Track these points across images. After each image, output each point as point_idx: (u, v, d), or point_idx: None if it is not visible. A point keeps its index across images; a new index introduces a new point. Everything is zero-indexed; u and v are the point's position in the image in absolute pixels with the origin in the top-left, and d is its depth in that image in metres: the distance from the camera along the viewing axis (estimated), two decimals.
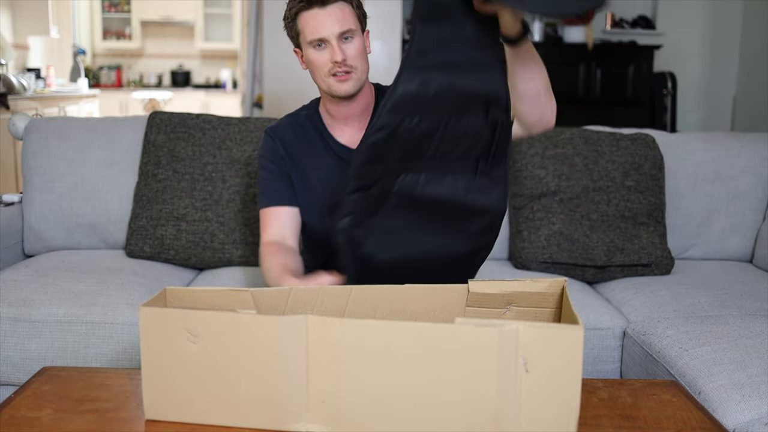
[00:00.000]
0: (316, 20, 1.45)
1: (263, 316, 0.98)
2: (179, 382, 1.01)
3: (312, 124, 1.60)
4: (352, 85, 1.49)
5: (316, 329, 0.96)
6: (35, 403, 1.10)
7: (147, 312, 1.01)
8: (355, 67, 1.48)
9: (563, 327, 0.94)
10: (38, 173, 2.17)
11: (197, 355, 0.99)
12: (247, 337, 0.98)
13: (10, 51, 5.39)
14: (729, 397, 1.33)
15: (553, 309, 1.17)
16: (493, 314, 1.19)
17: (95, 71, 8.13)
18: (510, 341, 0.91)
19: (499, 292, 1.18)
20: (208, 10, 8.19)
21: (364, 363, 0.96)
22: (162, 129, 2.13)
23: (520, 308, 1.18)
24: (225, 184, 2.07)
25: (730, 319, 1.67)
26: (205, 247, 2.05)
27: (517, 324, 0.91)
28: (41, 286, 1.76)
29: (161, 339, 1.01)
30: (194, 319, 0.99)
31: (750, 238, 2.25)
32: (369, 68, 1.52)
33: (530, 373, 0.92)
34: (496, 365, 0.92)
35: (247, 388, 0.99)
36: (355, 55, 1.47)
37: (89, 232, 2.17)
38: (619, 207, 2.09)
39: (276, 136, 1.60)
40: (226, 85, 8.20)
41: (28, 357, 1.67)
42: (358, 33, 1.49)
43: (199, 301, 1.13)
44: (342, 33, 1.45)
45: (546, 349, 0.92)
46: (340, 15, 1.45)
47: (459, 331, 0.92)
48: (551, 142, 2.15)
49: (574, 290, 1.92)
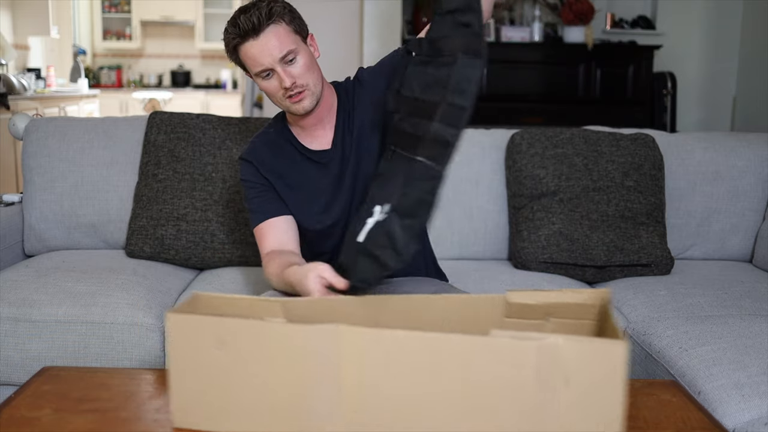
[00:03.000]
0: (254, 51, 1.42)
1: (293, 324, 0.95)
2: (207, 389, 0.99)
3: (283, 137, 1.60)
4: (309, 101, 1.48)
5: (347, 339, 0.93)
6: (35, 403, 1.10)
7: (174, 318, 0.99)
8: (306, 84, 1.46)
9: (605, 342, 0.88)
10: (38, 173, 2.17)
11: (225, 363, 0.97)
12: (276, 346, 0.95)
13: (11, 51, 5.39)
14: (729, 397, 1.33)
15: (593, 321, 1.12)
16: (533, 326, 1.14)
17: (95, 71, 8.14)
18: (549, 356, 0.87)
19: (538, 302, 1.13)
20: (208, 10, 8.20)
21: (396, 375, 0.93)
22: (162, 129, 2.14)
23: (560, 320, 1.13)
24: (225, 184, 2.07)
25: (730, 319, 1.67)
26: (205, 247, 2.05)
27: (557, 338, 0.87)
28: (41, 286, 1.77)
29: (189, 346, 0.99)
30: (223, 327, 0.97)
31: (750, 238, 2.25)
32: (321, 72, 1.50)
33: (569, 388, 0.88)
34: (534, 380, 0.88)
35: (276, 398, 0.97)
36: (303, 72, 1.45)
37: (89, 232, 2.17)
38: (619, 207, 2.09)
39: (252, 158, 1.59)
40: (226, 85, 8.20)
41: (28, 357, 1.67)
42: (301, 48, 1.45)
43: (228, 308, 1.11)
44: (283, 57, 1.42)
45: (587, 365, 0.87)
46: (276, 40, 1.41)
47: (495, 344, 0.89)
48: (551, 142, 2.15)
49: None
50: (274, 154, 1.59)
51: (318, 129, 1.57)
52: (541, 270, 2.06)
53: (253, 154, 1.59)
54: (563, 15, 4.63)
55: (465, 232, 2.21)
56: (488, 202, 2.20)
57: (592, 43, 4.61)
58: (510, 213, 2.20)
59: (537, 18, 4.76)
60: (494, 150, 2.24)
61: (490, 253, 2.23)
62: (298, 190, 1.58)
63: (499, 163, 2.23)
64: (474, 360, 0.90)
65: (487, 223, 2.21)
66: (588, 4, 4.59)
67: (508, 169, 2.20)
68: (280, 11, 1.43)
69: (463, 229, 2.21)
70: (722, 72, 4.96)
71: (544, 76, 4.72)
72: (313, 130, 1.57)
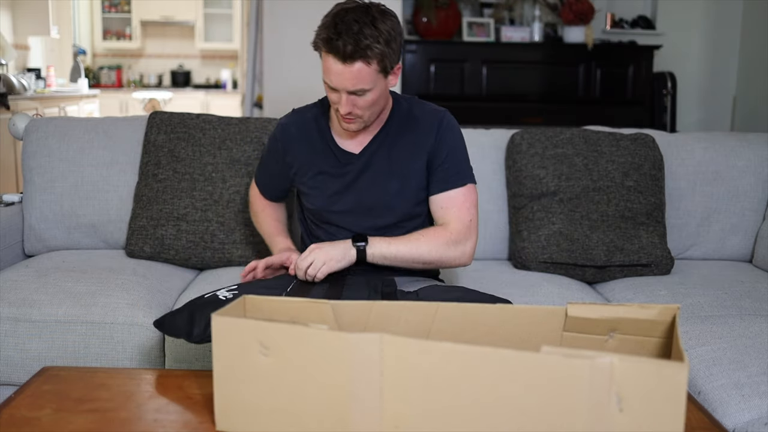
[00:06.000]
0: (332, 68, 1.42)
1: (335, 332, 0.93)
2: (250, 394, 0.99)
3: (317, 126, 1.62)
4: (356, 126, 1.52)
5: (391, 350, 0.90)
6: (35, 403, 1.10)
7: (219, 321, 0.98)
8: (361, 116, 1.48)
9: (664, 363, 0.82)
10: (38, 173, 2.17)
11: (269, 368, 0.96)
12: (319, 352, 0.93)
13: (11, 51, 5.39)
14: (729, 396, 1.33)
15: (660, 339, 1.05)
16: (593, 341, 1.08)
17: (95, 71, 8.14)
18: (603, 376, 0.82)
19: (600, 317, 1.07)
20: (208, 10, 8.20)
21: (441, 389, 0.88)
22: (162, 129, 2.13)
23: (624, 336, 1.07)
24: (225, 184, 2.07)
25: (730, 319, 1.67)
26: (205, 247, 2.05)
27: (612, 357, 0.82)
28: (41, 286, 1.76)
29: (233, 349, 0.98)
30: (266, 332, 0.96)
31: (750, 238, 2.25)
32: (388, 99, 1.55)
33: (624, 412, 0.82)
34: (586, 401, 0.83)
35: (317, 405, 0.95)
36: (365, 107, 1.47)
37: (89, 232, 2.17)
38: (619, 207, 2.09)
39: (281, 134, 1.68)
40: (226, 85, 8.20)
41: (28, 357, 1.67)
42: (377, 86, 1.45)
43: (278, 311, 1.10)
44: (354, 91, 1.44)
45: (644, 387, 0.81)
46: (356, 75, 1.41)
47: (545, 361, 0.84)
48: (551, 142, 2.15)
49: (574, 290, 1.92)
50: (300, 137, 1.65)
51: (359, 132, 1.59)
52: (541, 270, 2.06)
53: (285, 129, 1.68)
54: (563, 15, 4.63)
55: None
56: (488, 202, 2.20)
57: (592, 43, 4.61)
58: (510, 213, 2.20)
59: (537, 18, 4.76)
60: (494, 150, 2.24)
61: (490, 253, 2.23)
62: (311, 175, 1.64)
63: (499, 163, 2.23)
64: (521, 377, 0.85)
65: (487, 223, 2.20)
66: (588, 4, 4.59)
67: (508, 169, 2.20)
68: (377, 52, 1.40)
69: None
70: (722, 72, 4.96)
71: (544, 76, 4.72)
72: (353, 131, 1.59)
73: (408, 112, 1.60)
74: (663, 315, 1.04)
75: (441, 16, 4.59)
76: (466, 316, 1.12)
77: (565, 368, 0.83)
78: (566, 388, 0.83)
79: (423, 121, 1.59)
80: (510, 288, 1.86)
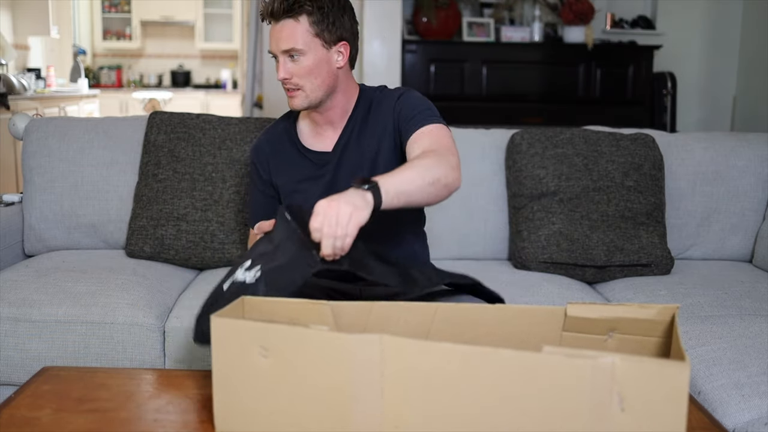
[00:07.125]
0: (270, 33, 1.45)
1: (335, 333, 0.93)
2: (250, 396, 0.98)
3: (287, 136, 1.62)
4: (299, 102, 1.48)
5: (391, 350, 0.89)
6: (35, 403, 1.10)
7: (219, 323, 0.98)
8: (300, 85, 1.46)
9: (666, 363, 0.82)
10: (38, 173, 2.17)
11: (268, 370, 0.96)
12: (319, 354, 0.93)
13: (11, 51, 5.39)
14: (729, 396, 1.33)
15: (660, 339, 1.05)
16: (593, 341, 1.08)
17: (95, 71, 8.14)
18: (605, 376, 0.81)
19: (599, 317, 1.07)
20: (208, 10, 8.20)
21: (442, 389, 0.88)
22: (162, 129, 2.14)
23: (624, 336, 1.07)
24: (225, 184, 2.07)
25: (730, 319, 1.67)
26: (205, 247, 2.05)
27: (614, 357, 0.81)
28: (41, 286, 1.76)
29: (233, 351, 0.97)
30: (266, 333, 0.95)
31: (750, 238, 2.25)
32: (334, 79, 1.48)
33: (626, 412, 0.82)
34: (588, 401, 0.82)
35: (318, 407, 0.94)
36: (302, 73, 1.44)
37: (89, 232, 2.17)
38: (619, 207, 2.09)
39: (255, 157, 1.64)
40: (226, 85, 8.20)
41: (28, 357, 1.67)
42: (312, 50, 1.43)
43: (277, 312, 1.10)
44: (286, 51, 1.43)
45: (645, 387, 0.81)
46: (288, 32, 1.41)
47: (546, 361, 0.83)
48: (551, 142, 2.15)
49: (574, 290, 1.92)
50: (273, 152, 1.62)
51: (328, 129, 1.58)
52: (541, 270, 2.06)
53: (257, 150, 1.64)
54: (563, 15, 4.63)
55: (465, 232, 2.21)
56: (488, 202, 2.20)
57: (592, 43, 4.61)
58: (510, 213, 2.20)
59: (537, 18, 4.76)
60: (494, 150, 2.24)
61: (490, 253, 2.23)
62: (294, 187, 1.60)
63: (499, 163, 2.23)
64: (522, 377, 0.84)
65: (487, 223, 2.21)
66: (588, 4, 4.59)
67: (508, 169, 2.20)
68: (307, 10, 1.41)
69: (463, 229, 2.21)
70: (722, 72, 4.96)
71: (544, 76, 4.72)
72: (322, 130, 1.58)
73: (371, 100, 1.58)
74: (662, 315, 1.04)
75: (441, 16, 4.59)
76: (466, 316, 1.12)
77: (567, 368, 0.83)
78: (568, 388, 0.83)
79: (384, 103, 1.55)
80: (510, 288, 1.86)
